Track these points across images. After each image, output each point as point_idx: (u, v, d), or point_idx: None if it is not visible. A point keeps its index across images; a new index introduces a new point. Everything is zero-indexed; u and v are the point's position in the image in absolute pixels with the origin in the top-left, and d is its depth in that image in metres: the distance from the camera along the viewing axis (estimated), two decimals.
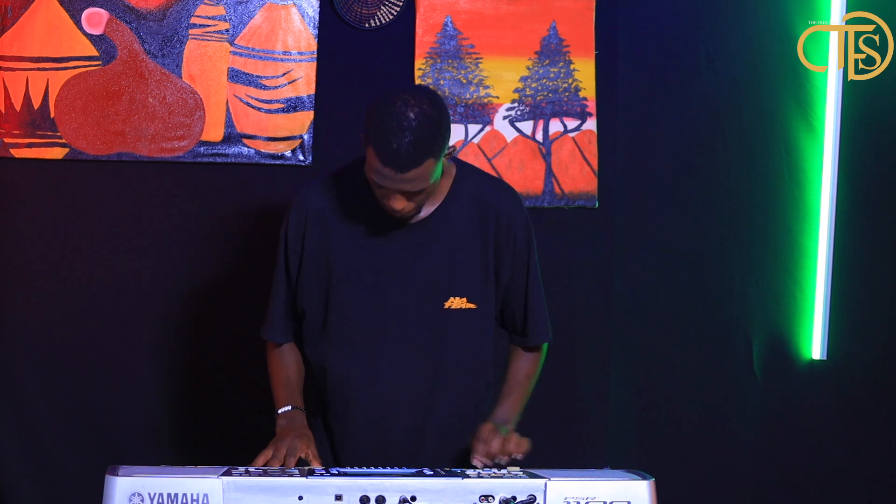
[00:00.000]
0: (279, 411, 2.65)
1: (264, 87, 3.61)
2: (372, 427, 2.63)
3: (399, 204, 2.49)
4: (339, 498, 2.16)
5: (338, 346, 2.65)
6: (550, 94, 3.73)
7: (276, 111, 3.61)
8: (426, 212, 2.61)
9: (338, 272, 2.63)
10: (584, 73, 3.73)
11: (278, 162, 3.62)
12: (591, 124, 3.74)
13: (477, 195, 2.64)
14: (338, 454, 2.69)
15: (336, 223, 2.63)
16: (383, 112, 2.41)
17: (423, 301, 2.61)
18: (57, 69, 3.53)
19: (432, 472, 2.27)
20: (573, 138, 3.74)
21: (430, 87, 3.66)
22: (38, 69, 3.52)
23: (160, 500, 2.12)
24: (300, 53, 3.62)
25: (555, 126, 3.73)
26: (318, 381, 2.71)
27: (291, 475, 2.21)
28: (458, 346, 2.64)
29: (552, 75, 3.72)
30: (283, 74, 3.61)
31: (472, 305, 2.63)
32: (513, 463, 2.48)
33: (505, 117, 3.72)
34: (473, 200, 2.63)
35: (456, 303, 2.62)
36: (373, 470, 2.31)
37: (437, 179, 2.51)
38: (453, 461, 2.65)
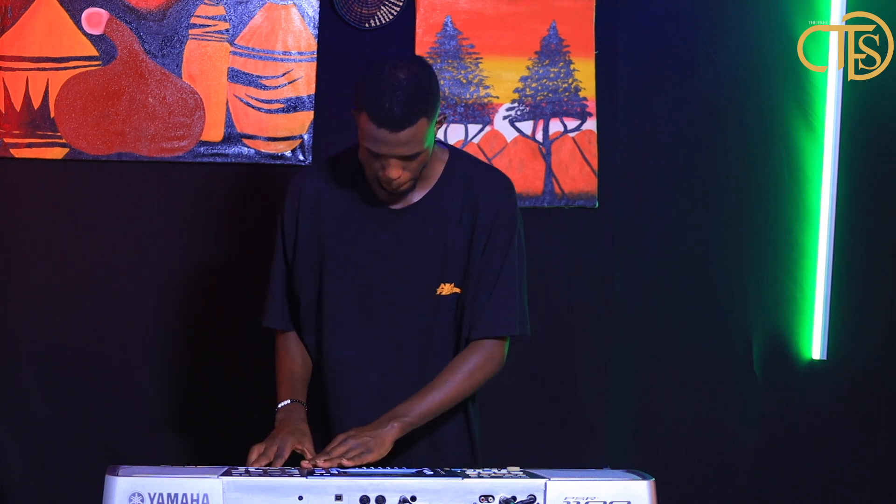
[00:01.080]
0: (279, 405, 2.66)
1: (264, 87, 3.61)
2: (364, 411, 2.63)
3: (395, 172, 2.48)
4: (339, 498, 2.16)
5: (331, 330, 2.65)
6: (550, 94, 3.73)
7: (276, 111, 3.61)
8: (418, 196, 2.62)
9: (331, 257, 2.64)
10: (584, 73, 3.73)
11: (278, 162, 3.62)
12: (591, 124, 3.74)
13: (468, 180, 2.64)
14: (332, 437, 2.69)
15: (329, 208, 2.64)
16: (374, 77, 2.45)
17: (415, 287, 2.62)
18: (57, 69, 3.53)
19: (432, 472, 2.27)
20: (573, 138, 3.74)
21: None
22: (38, 69, 3.52)
23: (160, 500, 2.12)
24: (300, 53, 3.62)
25: (555, 126, 3.73)
26: (315, 366, 2.72)
27: (291, 475, 2.22)
28: (449, 331, 2.64)
29: (552, 75, 3.73)
30: (283, 74, 3.61)
31: (458, 290, 2.63)
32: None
33: (505, 117, 3.72)
34: (463, 186, 2.63)
35: (446, 289, 2.62)
36: (373, 470, 2.31)
37: (430, 147, 2.51)
38: (444, 447, 2.66)
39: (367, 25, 3.65)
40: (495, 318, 2.62)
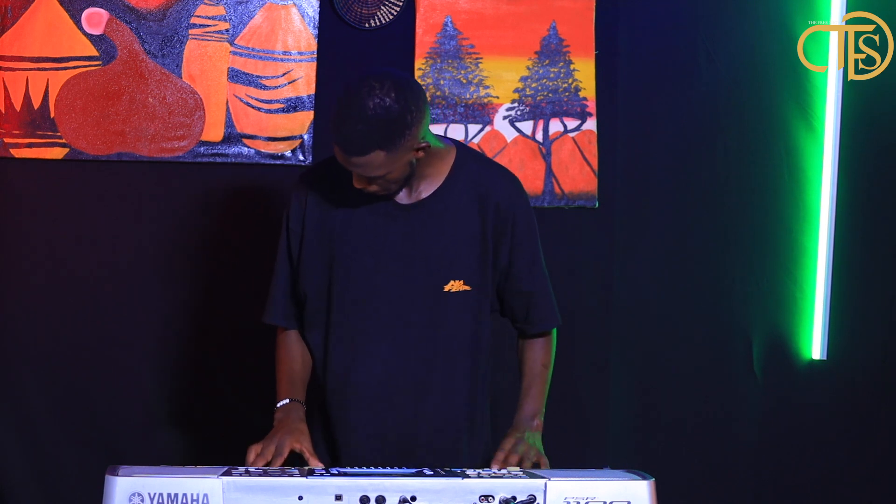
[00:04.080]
0: (278, 405, 2.66)
1: (264, 87, 3.61)
2: (368, 409, 2.63)
3: (358, 183, 2.52)
4: (339, 498, 2.16)
5: (336, 329, 2.65)
6: (550, 94, 3.73)
7: (276, 111, 3.61)
8: (425, 193, 2.63)
9: (338, 253, 2.64)
10: (584, 73, 3.73)
11: (278, 162, 3.62)
12: (591, 124, 3.74)
13: (476, 179, 2.65)
14: (334, 442, 2.69)
15: (336, 205, 2.64)
16: (347, 93, 2.43)
17: (422, 283, 2.62)
18: (57, 69, 3.53)
19: (432, 472, 2.27)
20: (573, 138, 3.74)
21: (430, 85, 3.66)
22: (38, 69, 3.52)
23: (160, 500, 2.12)
24: (300, 53, 3.62)
25: (555, 126, 3.73)
26: (318, 364, 2.72)
27: (291, 475, 2.21)
28: (455, 329, 2.64)
29: (552, 75, 3.73)
30: (283, 74, 3.61)
31: (467, 288, 2.63)
32: None
33: (505, 117, 3.72)
34: (472, 184, 2.64)
35: (455, 286, 2.63)
36: (373, 470, 2.31)
37: (402, 168, 2.50)
38: (448, 445, 2.66)
39: (367, 25, 3.65)
40: (548, 312, 2.75)
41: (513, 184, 2.70)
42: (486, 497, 2.19)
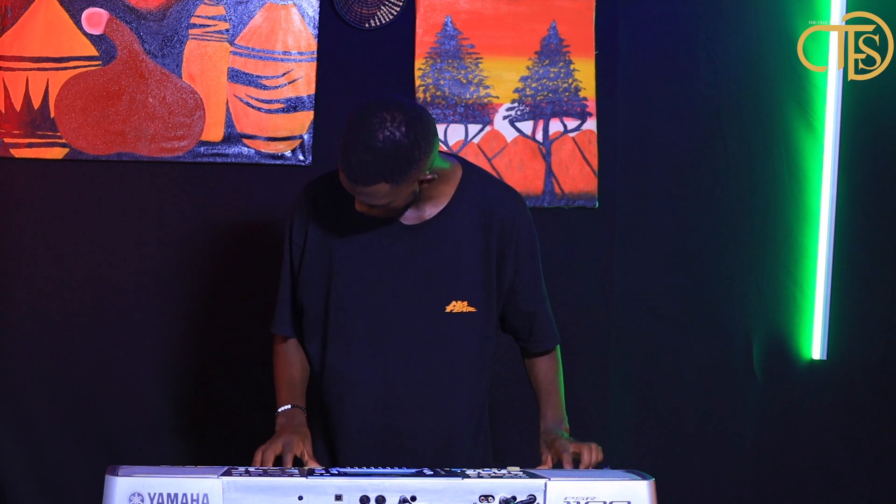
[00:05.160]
0: (279, 410, 2.66)
1: (264, 87, 3.61)
2: (367, 426, 2.63)
3: (360, 207, 2.51)
4: (339, 498, 2.16)
5: (335, 342, 2.64)
6: (550, 94, 3.73)
7: (276, 111, 3.61)
8: (430, 214, 2.61)
9: (339, 267, 2.62)
10: (584, 73, 3.73)
11: (278, 162, 3.62)
12: (591, 124, 3.74)
13: (481, 198, 2.64)
14: (335, 452, 2.69)
15: (340, 218, 2.63)
16: (358, 121, 2.41)
17: (423, 302, 2.61)
18: (57, 69, 3.53)
19: (432, 472, 2.27)
20: (573, 138, 3.74)
21: (430, 85, 3.66)
22: (38, 69, 3.52)
23: (160, 500, 2.12)
24: (300, 53, 3.62)
25: (555, 126, 3.73)
26: (316, 377, 2.71)
27: (291, 475, 2.21)
28: (457, 350, 2.63)
29: (552, 75, 3.73)
30: (283, 74, 3.61)
31: (472, 309, 2.63)
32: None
33: (505, 117, 3.72)
34: (478, 204, 2.63)
35: (458, 306, 2.62)
36: (373, 470, 2.31)
37: (406, 195, 2.49)
38: (449, 463, 2.65)
39: (367, 25, 3.65)
40: (549, 331, 2.76)
41: (517, 203, 2.69)
42: (486, 497, 2.19)
